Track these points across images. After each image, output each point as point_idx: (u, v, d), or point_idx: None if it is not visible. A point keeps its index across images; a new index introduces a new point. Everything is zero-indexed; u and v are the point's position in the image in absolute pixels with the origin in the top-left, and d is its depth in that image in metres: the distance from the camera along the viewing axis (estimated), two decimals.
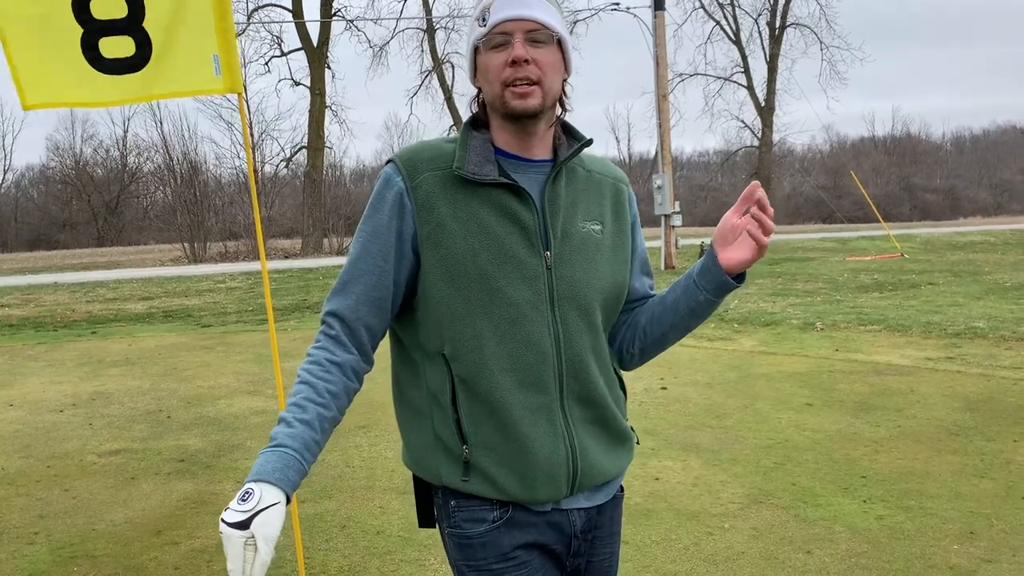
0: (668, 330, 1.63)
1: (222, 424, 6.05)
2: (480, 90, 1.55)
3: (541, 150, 1.55)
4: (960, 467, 4.51)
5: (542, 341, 1.49)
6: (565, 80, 1.55)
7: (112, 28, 2.87)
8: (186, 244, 29.72)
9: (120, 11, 2.88)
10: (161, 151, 33.07)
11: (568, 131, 1.60)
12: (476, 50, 1.51)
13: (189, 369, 8.21)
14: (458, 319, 1.47)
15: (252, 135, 30.45)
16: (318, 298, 14.19)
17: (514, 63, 1.44)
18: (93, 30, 2.84)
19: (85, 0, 2.82)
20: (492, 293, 1.46)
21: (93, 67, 2.87)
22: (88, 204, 51.39)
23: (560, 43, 1.50)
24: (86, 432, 5.95)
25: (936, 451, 4.80)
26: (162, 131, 42.52)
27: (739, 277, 1.53)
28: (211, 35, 2.98)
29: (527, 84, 1.45)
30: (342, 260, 25.42)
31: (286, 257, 28.46)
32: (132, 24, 2.87)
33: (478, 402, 1.48)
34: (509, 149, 1.53)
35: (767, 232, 1.46)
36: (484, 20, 1.48)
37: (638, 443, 1.69)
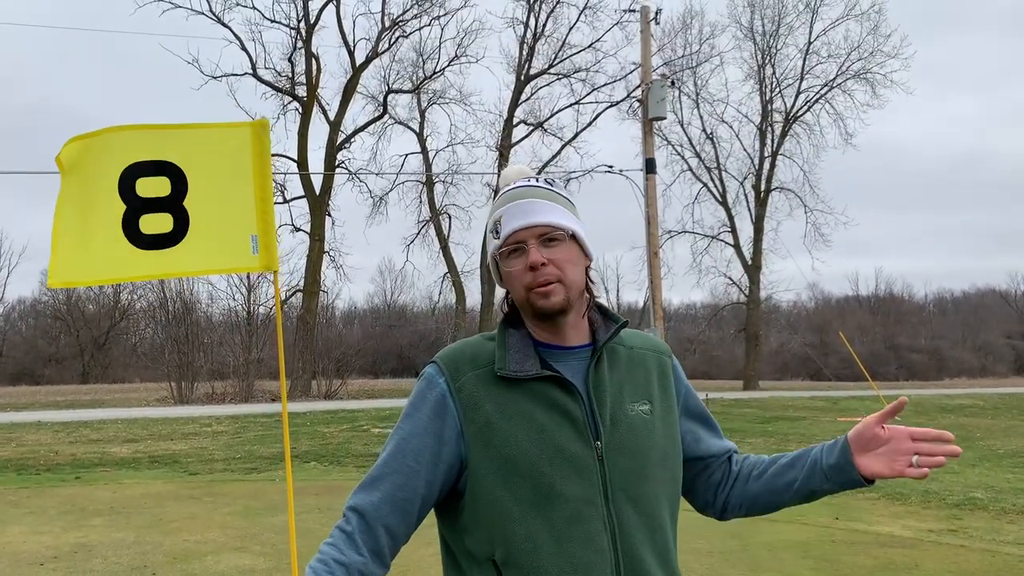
0: (783, 503, 1.66)
1: None
2: (508, 292, 1.60)
3: (578, 337, 1.56)
4: None
5: (599, 538, 1.45)
6: (588, 267, 1.58)
7: (154, 205, 3.00)
8: (173, 383, 29.45)
9: (164, 190, 3.02)
10: (156, 289, 33.34)
11: (603, 312, 1.61)
12: (497, 260, 1.57)
13: (175, 521, 7.99)
14: (511, 520, 1.43)
15: (248, 278, 30.84)
16: (306, 447, 13.97)
17: (532, 268, 1.49)
18: (136, 207, 2.96)
19: (132, 180, 2.96)
20: (546, 491, 1.43)
21: (131, 243, 2.97)
22: (76, 339, 51.20)
23: (575, 236, 1.55)
24: None
25: None
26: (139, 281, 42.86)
27: (870, 479, 1.57)
28: (251, 215, 3.12)
29: (547, 284, 1.49)
30: (331, 404, 25.28)
31: (273, 400, 28.17)
32: (174, 202, 3.01)
33: None
34: (547, 340, 1.54)
35: (938, 465, 1.51)
36: (497, 232, 1.55)
37: None
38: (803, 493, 1.62)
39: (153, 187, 3.01)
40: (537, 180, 1.60)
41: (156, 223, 3.00)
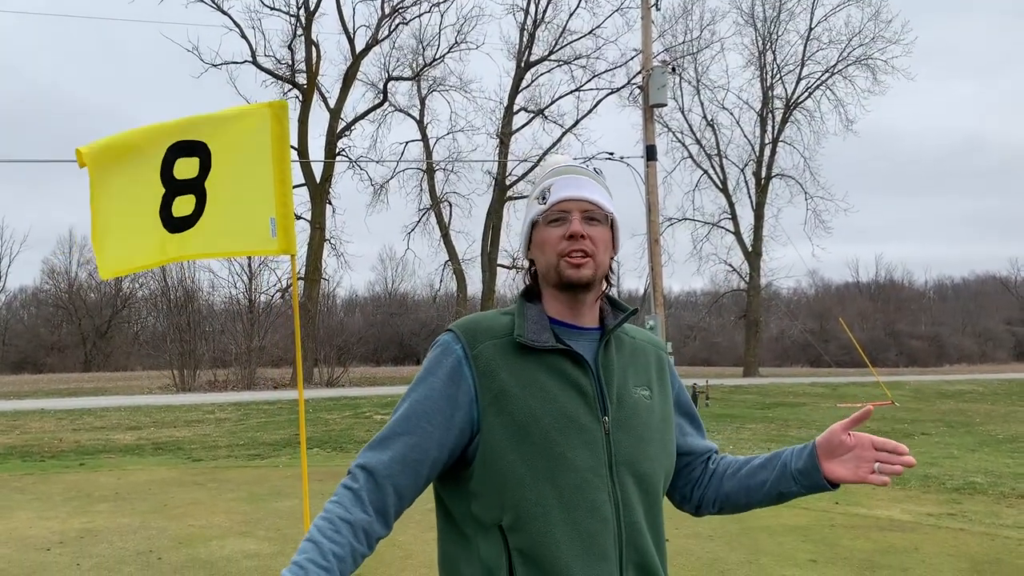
0: (753, 503, 1.73)
1: (214, 567, 5.90)
2: (532, 263, 1.65)
3: (590, 319, 1.63)
4: None
5: (604, 508, 1.50)
6: (612, 258, 1.65)
7: (185, 188, 3.03)
8: (175, 371, 29.54)
9: (194, 170, 3.03)
10: (158, 277, 33.37)
11: (611, 302, 1.68)
12: (534, 225, 1.63)
13: (180, 506, 8.05)
14: (522, 485, 1.47)
15: (250, 266, 30.89)
16: (309, 433, 14.03)
17: (571, 237, 1.55)
18: (172, 190, 2.99)
19: (173, 160, 2.98)
20: (557, 459, 1.48)
21: (164, 227, 3.00)
22: (78, 328, 51.30)
23: (612, 223, 1.63)
24: (73, 573, 5.78)
25: None
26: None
27: (835, 483, 1.64)
28: (271, 198, 3.14)
29: (581, 256, 1.55)
30: (332, 392, 25.34)
31: (275, 387, 28.27)
32: (198, 183, 3.03)
33: (539, 575, 1.46)
34: (561, 318, 1.60)
35: (896, 474, 1.59)
36: (544, 199, 1.61)
37: None
38: (773, 494, 1.69)
39: (187, 168, 3.03)
40: (587, 164, 1.68)
41: (184, 205, 3.03)
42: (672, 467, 1.68)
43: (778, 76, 38.13)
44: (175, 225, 2.99)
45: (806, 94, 37.79)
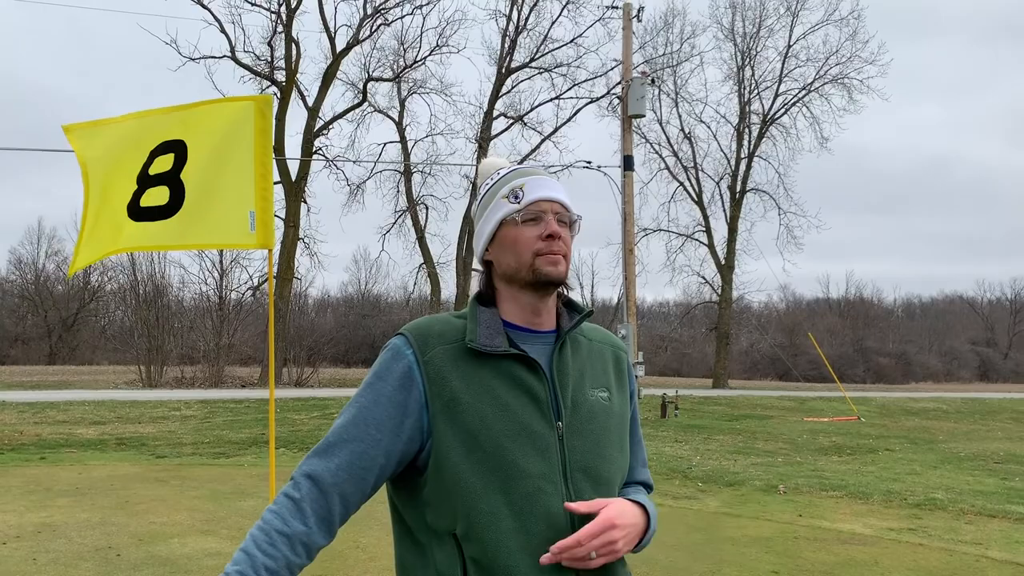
0: None
1: (174, 565, 5.82)
2: (488, 265, 1.62)
3: (547, 322, 1.61)
4: None
5: (558, 515, 1.47)
6: None
7: (156, 181, 3.00)
8: (142, 367, 29.16)
9: (168, 164, 3.01)
10: (127, 271, 32.97)
11: (567, 303, 1.67)
12: (500, 224, 1.59)
13: (142, 503, 7.94)
14: (474, 494, 1.45)
15: (221, 263, 30.61)
16: (276, 433, 13.91)
17: (550, 237, 1.55)
18: (144, 186, 2.96)
19: (151, 162, 2.95)
20: (508, 467, 1.45)
21: (130, 217, 2.97)
22: (44, 320, 50.48)
23: (574, 227, 1.64)
24: (29, 568, 5.67)
25: None
26: (131, 252, 42.42)
27: None
28: (250, 192, 3.10)
29: (560, 255, 1.56)
30: (300, 392, 25.15)
31: (243, 386, 28.00)
32: (173, 175, 3.00)
33: None
34: (516, 321, 1.58)
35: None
36: (517, 198, 1.58)
37: None
38: None
39: (162, 164, 3.01)
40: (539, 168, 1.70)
41: (154, 196, 2.99)
42: (627, 467, 1.65)
43: (756, 91, 38.51)
44: (144, 214, 2.96)
45: (783, 110, 38.20)
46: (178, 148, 2.96)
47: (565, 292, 1.66)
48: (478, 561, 1.45)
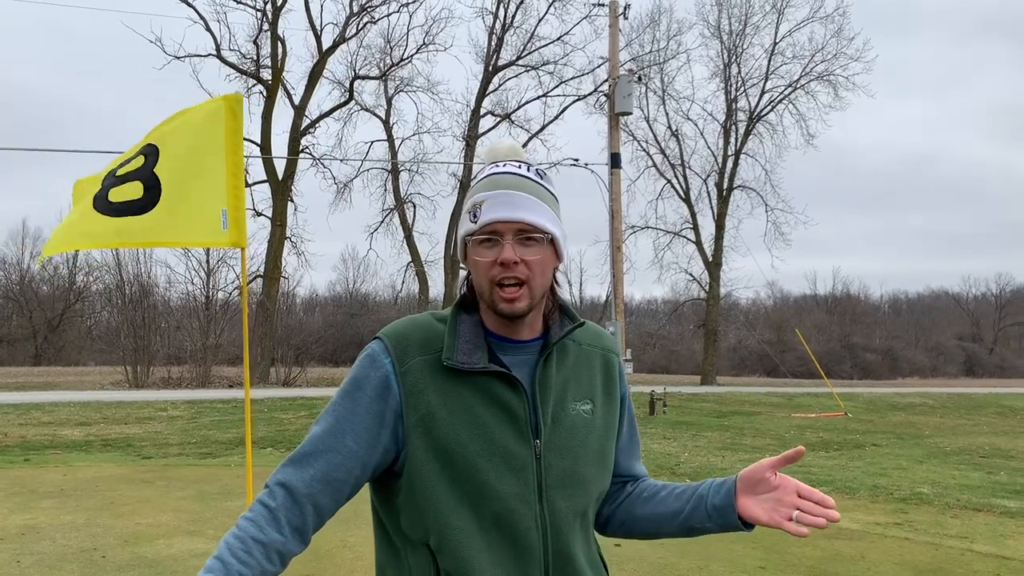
0: (662, 533, 1.63)
1: (160, 567, 5.78)
2: (470, 272, 1.53)
3: (530, 332, 1.53)
4: None
5: (528, 536, 1.45)
6: (556, 268, 1.54)
7: (127, 178, 2.99)
8: (129, 367, 29.00)
9: (138, 164, 2.99)
10: (113, 272, 32.77)
11: (562, 309, 1.57)
12: (465, 240, 1.50)
13: (127, 504, 7.88)
14: (446, 510, 1.42)
15: (208, 262, 30.47)
16: (263, 432, 13.86)
17: (503, 264, 1.43)
18: (109, 184, 2.95)
19: (117, 168, 2.95)
20: (480, 487, 1.42)
21: (99, 212, 2.95)
22: (29, 320, 50.14)
23: (552, 239, 1.49)
24: (13, 571, 5.63)
25: None
26: (117, 252, 42.24)
27: (749, 523, 1.53)
28: (223, 190, 3.09)
29: (515, 286, 1.44)
30: (289, 391, 25.07)
31: (230, 386, 27.88)
32: (145, 171, 2.98)
33: None
34: (498, 331, 1.51)
35: (818, 526, 1.45)
36: (475, 216, 1.47)
37: None
38: (684, 527, 1.59)
39: (132, 165, 3.00)
40: (528, 169, 1.53)
41: (125, 191, 2.98)
42: (608, 484, 1.60)
43: (742, 89, 38.66)
44: (115, 209, 2.94)
45: (769, 107, 38.38)
46: (149, 150, 2.95)
47: (554, 299, 1.57)
48: (451, 574, 1.43)
